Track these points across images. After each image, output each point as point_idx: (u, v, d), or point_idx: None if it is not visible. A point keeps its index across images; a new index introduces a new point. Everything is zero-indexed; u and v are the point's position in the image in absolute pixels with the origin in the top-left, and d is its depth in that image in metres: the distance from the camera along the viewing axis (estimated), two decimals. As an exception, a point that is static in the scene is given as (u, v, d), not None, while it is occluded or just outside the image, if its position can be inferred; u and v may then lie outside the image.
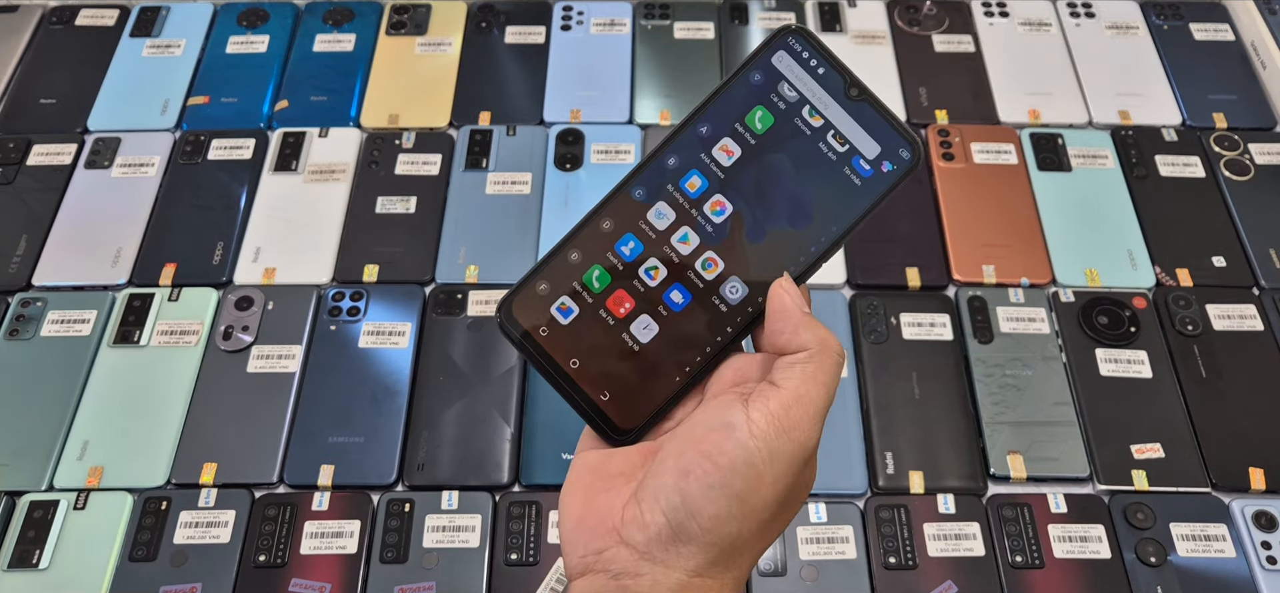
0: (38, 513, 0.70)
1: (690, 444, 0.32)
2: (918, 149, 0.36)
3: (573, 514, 0.34)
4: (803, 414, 0.32)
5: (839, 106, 0.36)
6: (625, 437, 0.36)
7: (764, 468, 0.31)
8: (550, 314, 0.36)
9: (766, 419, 0.31)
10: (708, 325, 0.36)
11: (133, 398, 0.75)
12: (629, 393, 0.36)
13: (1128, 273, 0.82)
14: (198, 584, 0.67)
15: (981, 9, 1.00)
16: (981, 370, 0.76)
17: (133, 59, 0.96)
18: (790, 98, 0.37)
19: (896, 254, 0.82)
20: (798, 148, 0.36)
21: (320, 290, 0.81)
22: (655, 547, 0.32)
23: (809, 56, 0.37)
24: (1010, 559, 0.68)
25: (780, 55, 0.37)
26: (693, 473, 0.31)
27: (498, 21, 0.99)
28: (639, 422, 0.36)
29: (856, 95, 0.36)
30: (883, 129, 0.36)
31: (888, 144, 0.36)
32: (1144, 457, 0.73)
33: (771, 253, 0.36)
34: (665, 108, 0.92)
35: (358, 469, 0.72)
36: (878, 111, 0.36)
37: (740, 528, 0.31)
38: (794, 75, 0.37)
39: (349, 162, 0.88)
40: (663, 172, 0.37)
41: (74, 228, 0.84)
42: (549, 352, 0.36)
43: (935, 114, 0.92)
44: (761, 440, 0.31)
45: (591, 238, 0.37)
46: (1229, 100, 0.93)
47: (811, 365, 0.33)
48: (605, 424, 0.36)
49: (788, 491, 0.32)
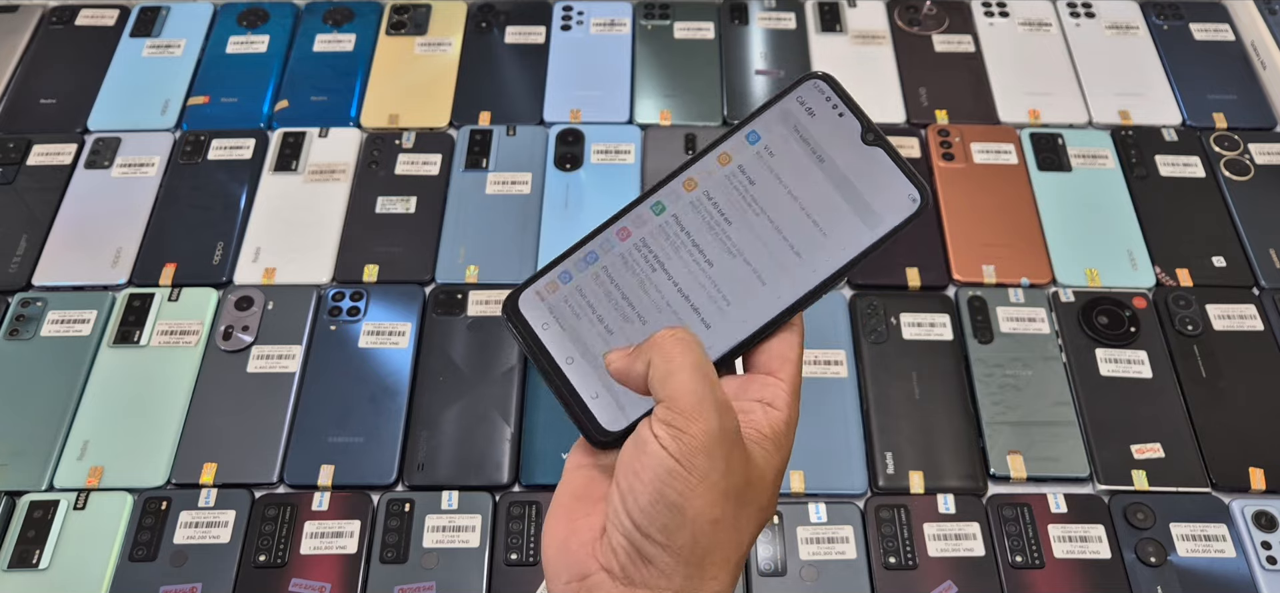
0: (38, 513, 0.70)
1: (623, 467, 0.34)
2: (926, 197, 0.38)
3: (556, 539, 0.35)
4: (686, 406, 0.33)
5: (854, 149, 0.39)
6: (608, 440, 0.37)
7: (683, 470, 0.32)
8: (553, 312, 0.38)
9: (662, 428, 0.33)
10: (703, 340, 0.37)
11: (133, 398, 0.75)
12: (618, 398, 0.37)
13: (1128, 273, 0.82)
14: (198, 584, 0.67)
15: (981, 9, 1.00)
16: (982, 370, 0.76)
17: (133, 59, 0.96)
18: (807, 137, 0.39)
19: (896, 254, 0.82)
20: (808, 185, 0.39)
21: (320, 290, 0.81)
22: (631, 570, 0.33)
23: (831, 101, 0.40)
24: (1010, 559, 0.68)
25: (802, 96, 0.40)
26: (630, 495, 0.33)
27: (498, 21, 0.99)
28: (623, 427, 0.37)
29: (872, 140, 0.39)
30: (894, 175, 0.38)
31: (897, 189, 0.38)
32: (1144, 457, 0.73)
33: (777, 275, 0.38)
34: (665, 108, 0.92)
35: (358, 469, 0.72)
36: (891, 158, 0.39)
37: (693, 533, 0.32)
38: (812, 116, 0.40)
39: (349, 161, 0.88)
40: (677, 192, 0.39)
41: (74, 228, 0.84)
42: (548, 347, 0.38)
43: (935, 114, 0.92)
44: (668, 445, 0.32)
45: (603, 246, 0.39)
46: (1229, 100, 0.93)
47: (659, 358, 0.34)
48: (591, 425, 0.37)
49: (723, 481, 0.33)
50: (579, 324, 0.38)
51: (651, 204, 0.39)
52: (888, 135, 0.41)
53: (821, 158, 0.39)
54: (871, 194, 0.38)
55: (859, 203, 0.38)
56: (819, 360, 0.77)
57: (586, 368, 0.37)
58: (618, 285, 0.38)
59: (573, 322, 0.38)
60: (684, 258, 0.38)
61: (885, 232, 0.38)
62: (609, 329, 0.38)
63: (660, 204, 0.39)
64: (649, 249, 0.38)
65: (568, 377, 0.37)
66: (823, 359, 0.77)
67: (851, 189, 0.38)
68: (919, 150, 0.89)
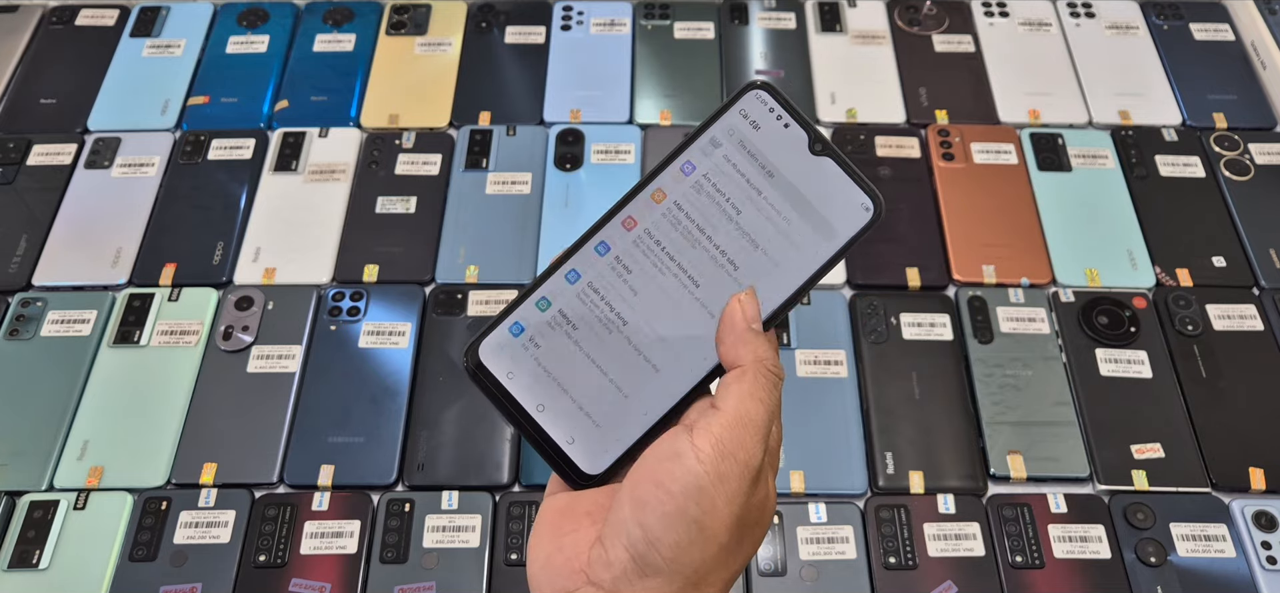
0: (38, 513, 0.70)
1: (642, 477, 0.33)
2: (880, 205, 0.37)
3: (540, 555, 0.34)
4: (744, 434, 0.32)
5: (802, 161, 0.37)
6: (589, 482, 0.36)
7: (715, 491, 0.32)
8: (516, 359, 0.37)
9: (710, 443, 0.32)
10: (672, 374, 0.37)
11: (133, 398, 0.75)
12: (594, 439, 0.36)
13: (1128, 273, 0.82)
14: (198, 585, 0.67)
15: (981, 9, 1.00)
16: (982, 370, 0.76)
17: (133, 59, 0.96)
18: (753, 152, 0.38)
19: (896, 254, 0.82)
20: (761, 201, 0.37)
21: (320, 290, 0.81)
22: (622, 583, 0.32)
23: (774, 112, 0.38)
24: (1010, 559, 0.68)
25: (745, 109, 0.38)
26: (648, 504, 0.32)
27: (498, 21, 0.99)
28: (603, 467, 0.36)
29: (820, 150, 0.37)
30: (845, 184, 0.37)
31: (850, 199, 0.37)
32: (1144, 457, 0.73)
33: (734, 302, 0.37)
34: (665, 108, 0.92)
35: (357, 469, 0.72)
36: (841, 167, 0.37)
37: (702, 554, 0.32)
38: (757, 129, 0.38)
39: (349, 161, 0.88)
40: (626, 222, 0.38)
41: (74, 228, 0.84)
42: (515, 397, 0.36)
43: (935, 114, 0.92)
44: (708, 464, 0.32)
45: (556, 286, 0.37)
46: (1229, 100, 0.93)
47: (747, 384, 0.34)
48: (570, 469, 0.36)
49: (742, 511, 0.33)
50: (543, 372, 0.37)
51: (599, 239, 0.37)
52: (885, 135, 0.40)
53: (771, 172, 0.37)
54: (824, 206, 0.37)
55: (812, 216, 0.37)
56: (819, 360, 0.77)
57: (559, 414, 0.36)
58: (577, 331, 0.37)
59: (537, 369, 0.37)
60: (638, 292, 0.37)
61: (840, 245, 0.37)
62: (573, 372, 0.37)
63: (606, 238, 0.37)
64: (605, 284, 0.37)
65: (541, 426, 0.36)
66: (823, 359, 0.77)
67: (803, 203, 0.37)
68: (919, 150, 0.89)
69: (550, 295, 0.37)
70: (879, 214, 0.37)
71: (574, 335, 0.37)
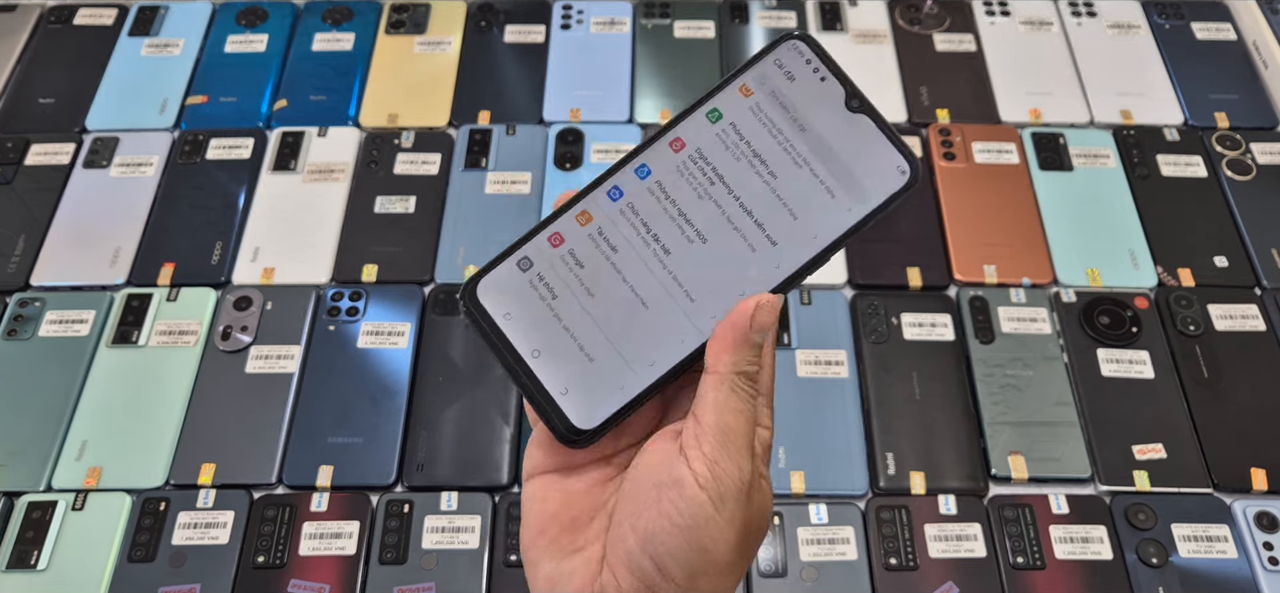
0: (36, 514, 0.69)
1: (645, 506, 0.32)
2: (917, 168, 0.35)
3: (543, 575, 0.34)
4: (732, 449, 0.32)
5: (837, 117, 0.36)
6: (580, 438, 0.34)
7: (718, 514, 0.32)
8: (516, 300, 0.35)
9: (704, 465, 0.32)
10: (676, 331, 0.35)
11: (131, 398, 0.75)
12: (589, 392, 0.34)
13: (1129, 273, 0.82)
14: (196, 585, 0.67)
15: (983, 8, 1.00)
16: (983, 371, 0.76)
17: (131, 58, 0.96)
18: (787, 104, 0.36)
19: (897, 254, 0.82)
20: (790, 156, 0.35)
21: (319, 290, 0.81)
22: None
23: (811, 63, 0.36)
24: (1011, 560, 0.68)
25: (780, 60, 0.36)
26: (657, 537, 0.32)
27: (497, 21, 0.98)
28: (596, 423, 0.34)
29: (857, 107, 0.36)
30: (881, 144, 0.35)
31: (885, 160, 0.35)
32: (1146, 457, 0.72)
33: (752, 259, 0.35)
34: (665, 107, 0.92)
35: (357, 470, 0.72)
36: (878, 125, 0.35)
37: (712, 576, 0.32)
38: (793, 81, 0.36)
39: (348, 161, 0.88)
40: (645, 168, 0.36)
41: (72, 228, 0.84)
42: (511, 339, 0.34)
43: (936, 113, 0.91)
44: (709, 489, 0.32)
45: (567, 227, 0.36)
46: (1231, 100, 0.93)
47: (723, 395, 0.33)
48: (561, 423, 0.34)
49: (743, 526, 0.33)
50: (544, 313, 0.35)
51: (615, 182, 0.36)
52: None
53: (803, 126, 0.35)
54: (857, 166, 0.35)
55: (844, 176, 0.35)
56: (819, 360, 0.77)
57: (555, 361, 0.34)
58: (583, 273, 0.35)
59: (537, 311, 0.35)
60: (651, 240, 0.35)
61: (872, 207, 0.35)
62: (576, 319, 0.35)
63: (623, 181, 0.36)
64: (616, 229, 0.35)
65: (534, 372, 0.34)
66: (823, 359, 0.77)
67: (836, 160, 0.35)
68: (920, 150, 0.89)
69: (558, 234, 0.35)
70: (915, 178, 0.35)
71: (580, 274, 0.35)
